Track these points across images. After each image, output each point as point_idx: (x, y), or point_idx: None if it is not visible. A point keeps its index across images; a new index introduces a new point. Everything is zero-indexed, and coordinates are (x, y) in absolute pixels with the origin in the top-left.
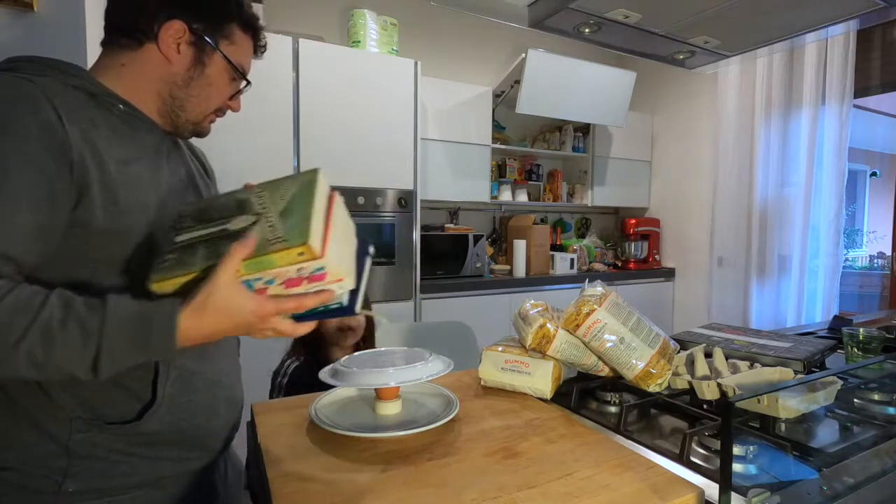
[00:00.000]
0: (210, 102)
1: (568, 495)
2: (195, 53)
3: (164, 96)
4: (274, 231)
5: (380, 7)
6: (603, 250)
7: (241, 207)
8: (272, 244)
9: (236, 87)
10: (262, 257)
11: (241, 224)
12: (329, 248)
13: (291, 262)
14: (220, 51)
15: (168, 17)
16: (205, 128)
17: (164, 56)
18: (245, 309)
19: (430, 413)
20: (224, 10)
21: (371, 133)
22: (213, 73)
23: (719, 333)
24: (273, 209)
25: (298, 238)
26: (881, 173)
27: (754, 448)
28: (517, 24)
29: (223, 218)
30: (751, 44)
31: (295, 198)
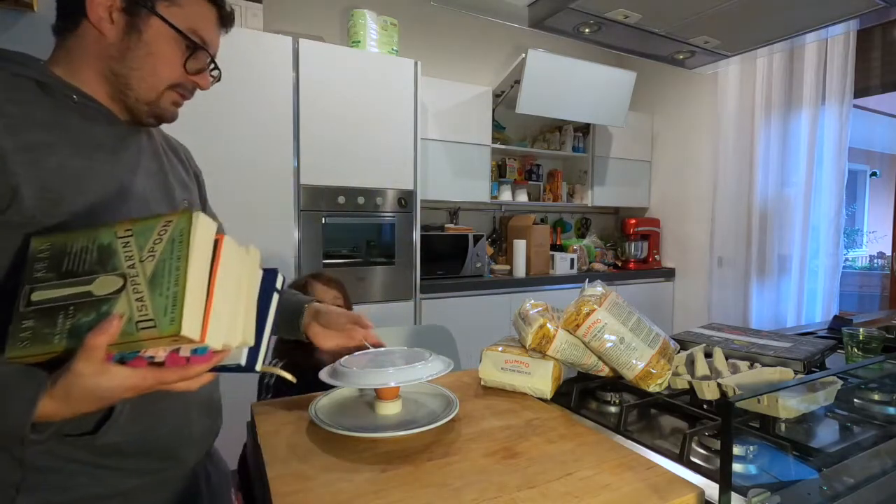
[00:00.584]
0: (157, 76)
1: (568, 495)
2: (128, 20)
3: (108, 75)
4: (142, 308)
5: (380, 7)
6: (603, 250)
7: (103, 258)
8: (140, 326)
9: (198, 62)
10: (129, 342)
11: (107, 288)
12: (213, 326)
13: (165, 345)
14: (157, 13)
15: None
16: (164, 109)
17: (97, 29)
18: (119, 389)
19: (430, 413)
20: None
21: (371, 133)
22: (151, 39)
23: (719, 333)
24: (141, 270)
25: (169, 325)
26: (881, 173)
27: (754, 448)
28: (517, 24)
29: (85, 274)
30: (751, 44)
31: (165, 257)
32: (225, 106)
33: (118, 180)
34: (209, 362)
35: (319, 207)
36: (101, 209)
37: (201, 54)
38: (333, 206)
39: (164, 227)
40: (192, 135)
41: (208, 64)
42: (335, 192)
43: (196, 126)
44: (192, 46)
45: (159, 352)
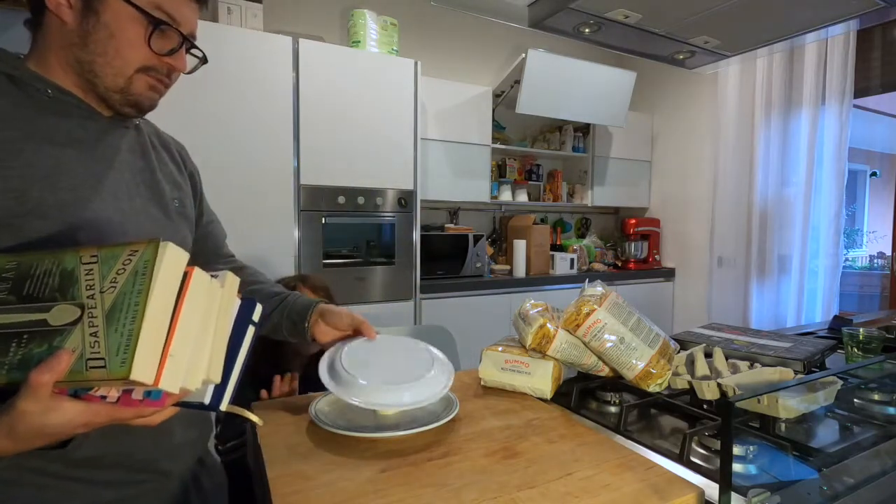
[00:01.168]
0: (123, 59)
1: (568, 495)
2: (84, 1)
3: (74, 65)
4: (95, 344)
5: (380, 7)
6: (603, 250)
7: (64, 285)
8: (90, 365)
9: (166, 40)
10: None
11: (63, 318)
12: (170, 369)
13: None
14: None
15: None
16: (138, 95)
17: (57, 16)
18: (70, 425)
19: (430, 413)
20: None
21: (371, 133)
22: (110, 20)
23: (719, 333)
24: (100, 302)
25: (119, 368)
26: (881, 173)
27: (754, 448)
28: (517, 24)
29: (45, 300)
30: (751, 44)
31: (126, 290)
32: (225, 106)
33: (93, 176)
34: (163, 406)
35: (319, 207)
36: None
37: (169, 32)
38: (333, 206)
39: (129, 257)
40: (191, 135)
41: (181, 44)
42: (335, 192)
43: (195, 126)
44: (154, 23)
45: (112, 391)
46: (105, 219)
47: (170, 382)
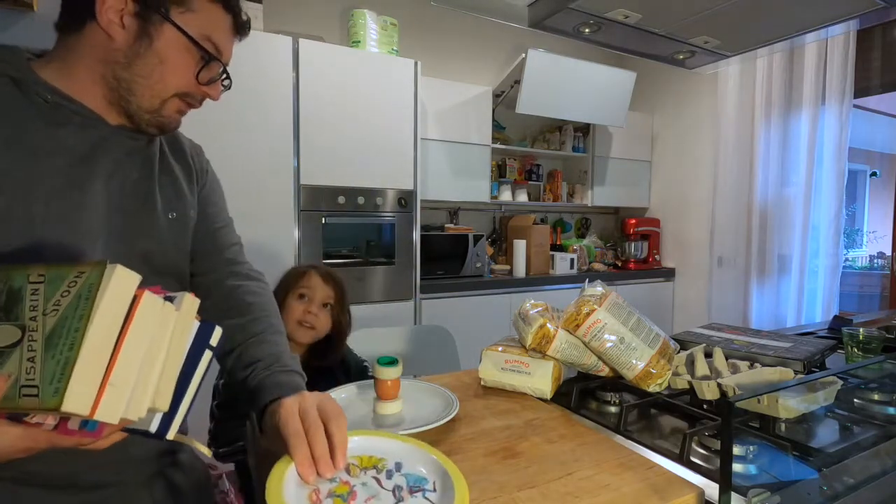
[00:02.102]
0: (165, 84)
1: (568, 495)
2: (140, 25)
3: (109, 80)
4: (31, 370)
5: (380, 7)
6: (603, 250)
7: (10, 304)
8: (23, 392)
9: (211, 71)
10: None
11: (4, 340)
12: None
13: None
14: (171, 20)
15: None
16: (167, 117)
17: (106, 32)
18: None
19: (430, 413)
20: None
21: (371, 133)
22: (163, 47)
23: (719, 333)
24: (41, 325)
25: (52, 398)
26: (881, 173)
27: (754, 448)
28: (517, 24)
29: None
30: (751, 44)
31: (67, 314)
32: (224, 106)
33: (76, 187)
34: (98, 437)
35: (319, 207)
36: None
37: (214, 64)
38: (333, 206)
39: (75, 279)
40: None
41: (221, 74)
42: (335, 192)
43: (195, 126)
44: (205, 56)
45: (48, 419)
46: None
47: (107, 413)
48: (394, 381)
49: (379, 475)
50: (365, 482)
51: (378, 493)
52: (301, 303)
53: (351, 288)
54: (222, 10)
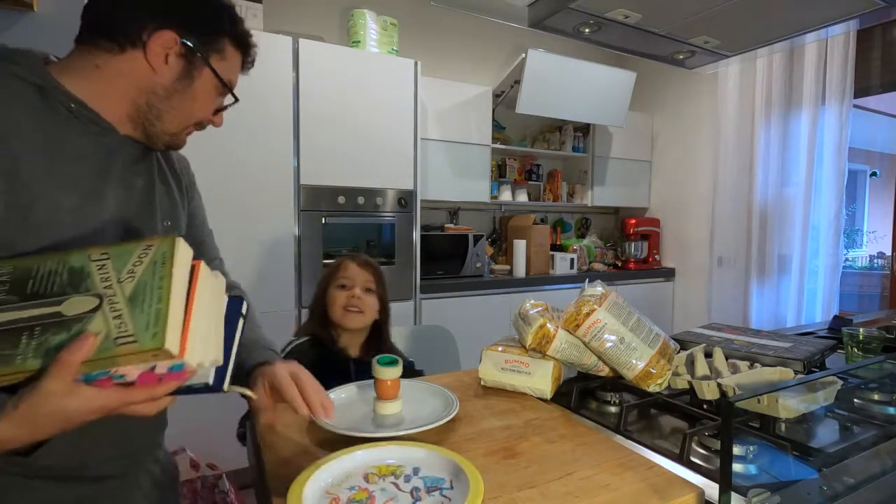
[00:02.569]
0: (191, 116)
1: (568, 495)
2: (184, 66)
3: (140, 104)
4: (122, 325)
5: (380, 7)
6: (603, 250)
7: (75, 280)
8: (120, 342)
9: (221, 103)
10: (105, 359)
11: (79, 308)
12: (190, 344)
13: (143, 361)
14: (211, 66)
15: (159, 26)
16: (181, 140)
17: (150, 65)
18: (85, 411)
19: (430, 413)
20: (218, 24)
21: (371, 133)
22: (199, 87)
23: (719, 333)
24: (119, 291)
25: (152, 341)
26: (881, 173)
27: (754, 448)
28: (517, 24)
29: (53, 295)
30: (751, 44)
31: (145, 278)
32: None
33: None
34: (182, 379)
35: (319, 207)
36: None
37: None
38: (333, 206)
39: (144, 251)
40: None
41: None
42: (335, 192)
43: None
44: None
45: (131, 370)
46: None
47: (190, 356)
48: (394, 381)
49: (397, 480)
50: (384, 488)
51: (396, 495)
52: (343, 291)
53: None
54: (241, 57)
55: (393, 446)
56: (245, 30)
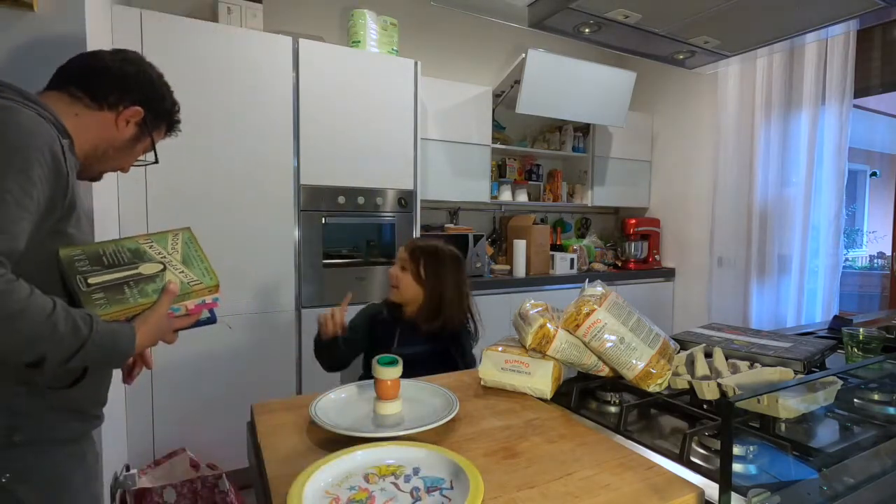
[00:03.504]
0: (121, 164)
1: (568, 495)
2: (137, 132)
3: (98, 149)
4: (186, 276)
5: (380, 7)
6: (603, 250)
7: (137, 255)
8: (191, 286)
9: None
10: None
11: (151, 270)
12: None
13: (202, 295)
14: (152, 137)
15: (133, 102)
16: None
17: (116, 126)
18: (165, 328)
19: (430, 413)
20: (167, 112)
21: (371, 133)
22: (139, 148)
23: (719, 333)
24: (173, 258)
25: (211, 281)
26: (881, 173)
27: (754, 448)
28: (517, 24)
29: (128, 264)
30: (751, 44)
31: (186, 250)
32: (225, 106)
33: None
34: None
35: (319, 207)
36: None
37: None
38: (333, 206)
39: (175, 236)
40: (191, 135)
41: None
42: (335, 192)
43: (196, 126)
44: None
45: (190, 304)
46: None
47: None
48: (394, 381)
49: (397, 480)
50: (383, 487)
51: (396, 495)
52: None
53: (351, 288)
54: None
55: (393, 446)
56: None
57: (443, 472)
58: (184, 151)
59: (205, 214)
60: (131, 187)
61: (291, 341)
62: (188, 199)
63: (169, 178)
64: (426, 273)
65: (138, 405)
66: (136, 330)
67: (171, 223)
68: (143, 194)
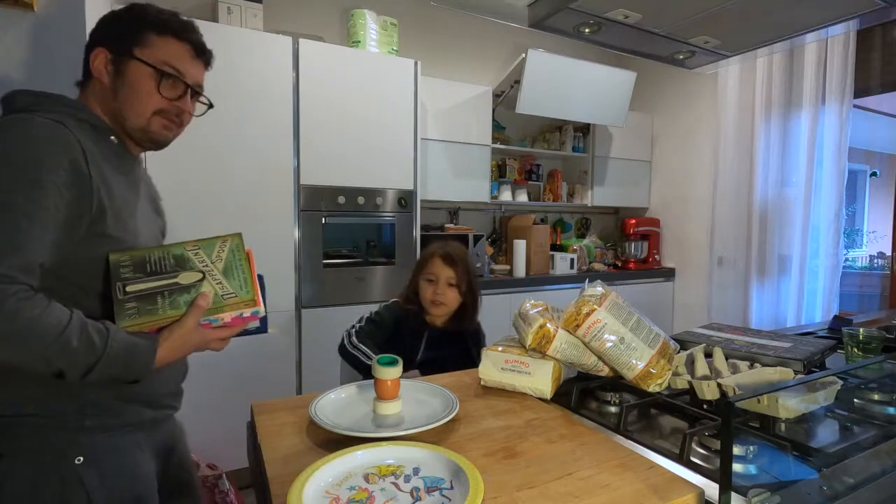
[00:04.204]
0: (142, 106)
1: (568, 495)
2: (115, 67)
3: (110, 113)
4: (223, 288)
5: (380, 7)
6: (603, 250)
7: (181, 263)
8: (226, 298)
9: (173, 88)
10: (216, 307)
11: (190, 279)
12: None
13: (238, 309)
14: (134, 56)
15: (93, 48)
16: (155, 132)
17: (98, 79)
18: (198, 341)
19: (430, 413)
20: (133, 21)
21: (371, 133)
22: (132, 77)
23: (719, 333)
24: (215, 268)
25: (247, 295)
26: (881, 173)
27: (754, 448)
28: (517, 24)
29: (169, 272)
30: (751, 44)
31: (231, 259)
32: (225, 106)
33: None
34: (256, 320)
35: (319, 207)
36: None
37: (176, 83)
38: (333, 206)
39: (223, 243)
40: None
41: (185, 90)
42: (335, 192)
43: (196, 126)
44: (160, 74)
45: (227, 316)
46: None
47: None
48: (394, 381)
49: (397, 480)
50: (383, 487)
51: (396, 495)
52: (430, 285)
53: (351, 288)
54: (176, 41)
55: (393, 446)
56: (168, 18)
57: (443, 472)
58: (184, 151)
59: (205, 214)
60: None
61: (291, 341)
62: (188, 198)
63: (169, 178)
64: (469, 282)
65: None
66: (160, 343)
67: (171, 223)
68: None
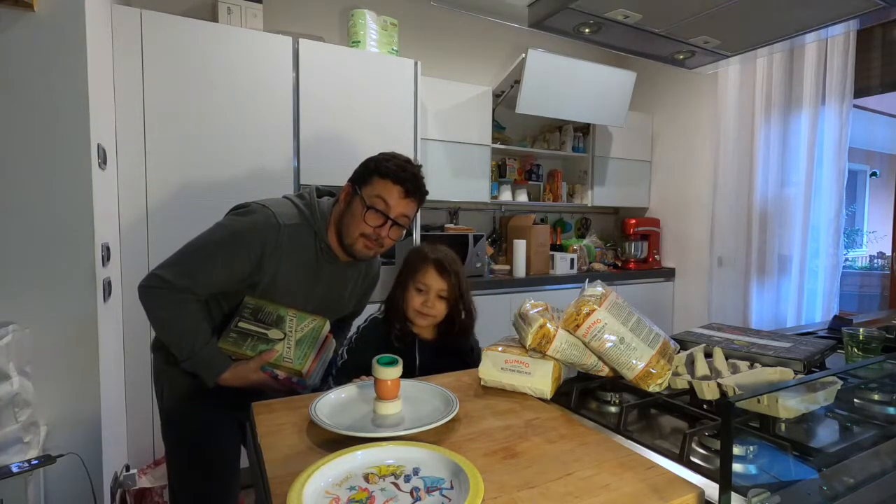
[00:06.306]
0: (353, 229)
1: (568, 495)
2: (349, 198)
3: (336, 227)
4: (289, 353)
5: (380, 7)
6: (603, 250)
7: (278, 321)
8: (285, 361)
9: (374, 218)
10: (275, 364)
11: (274, 336)
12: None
13: (290, 372)
14: (359, 193)
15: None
16: (357, 250)
17: (340, 202)
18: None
19: (430, 413)
20: (370, 167)
21: (371, 133)
22: (354, 208)
23: (719, 333)
24: (294, 335)
25: (300, 365)
26: (881, 173)
27: (754, 448)
28: (517, 24)
29: (267, 324)
30: (751, 44)
31: (306, 335)
32: (225, 106)
33: (304, 284)
34: (304, 388)
35: None
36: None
37: (378, 214)
38: None
39: (311, 321)
40: (192, 134)
41: (385, 221)
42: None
43: (197, 126)
44: (366, 207)
45: (282, 373)
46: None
47: (308, 376)
48: (394, 381)
49: (397, 480)
50: (384, 488)
51: (396, 495)
52: (420, 295)
53: None
54: (392, 183)
55: (393, 446)
56: (393, 165)
57: (443, 472)
58: (184, 151)
59: (205, 214)
60: (131, 187)
61: None
62: (188, 198)
63: (169, 178)
64: (461, 294)
65: (138, 405)
66: (229, 368)
67: (171, 223)
68: (143, 194)
